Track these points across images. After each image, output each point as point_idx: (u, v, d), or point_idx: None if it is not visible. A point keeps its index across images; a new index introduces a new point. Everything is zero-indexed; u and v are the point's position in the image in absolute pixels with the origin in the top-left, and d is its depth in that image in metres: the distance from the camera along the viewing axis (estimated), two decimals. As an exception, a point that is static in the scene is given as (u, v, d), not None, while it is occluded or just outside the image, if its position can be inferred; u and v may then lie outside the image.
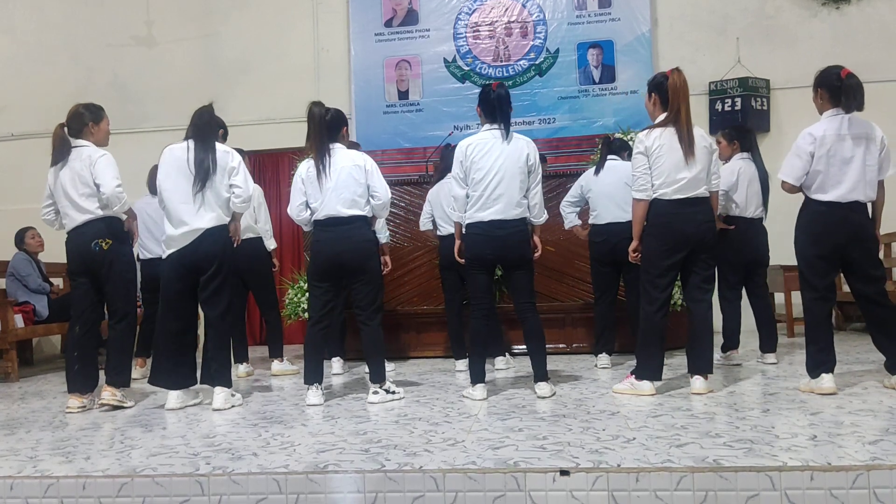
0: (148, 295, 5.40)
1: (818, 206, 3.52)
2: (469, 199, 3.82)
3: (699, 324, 3.70)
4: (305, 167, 3.90)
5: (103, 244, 3.87)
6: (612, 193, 4.64)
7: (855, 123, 3.51)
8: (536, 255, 3.91)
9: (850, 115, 3.50)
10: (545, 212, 3.93)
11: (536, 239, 3.93)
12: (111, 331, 3.96)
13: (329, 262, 3.84)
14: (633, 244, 3.83)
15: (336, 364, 5.03)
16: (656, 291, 3.68)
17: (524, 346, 5.31)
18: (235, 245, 3.99)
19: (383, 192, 3.89)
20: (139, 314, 6.03)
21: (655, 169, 3.67)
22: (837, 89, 3.50)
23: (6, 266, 6.07)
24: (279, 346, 5.17)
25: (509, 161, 3.76)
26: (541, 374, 3.78)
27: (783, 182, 3.62)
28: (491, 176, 3.75)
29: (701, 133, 3.72)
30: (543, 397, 3.69)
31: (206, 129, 3.88)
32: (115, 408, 3.86)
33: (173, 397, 3.84)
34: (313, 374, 3.83)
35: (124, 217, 4.00)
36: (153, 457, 2.72)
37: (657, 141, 3.67)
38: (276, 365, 5.10)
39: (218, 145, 3.87)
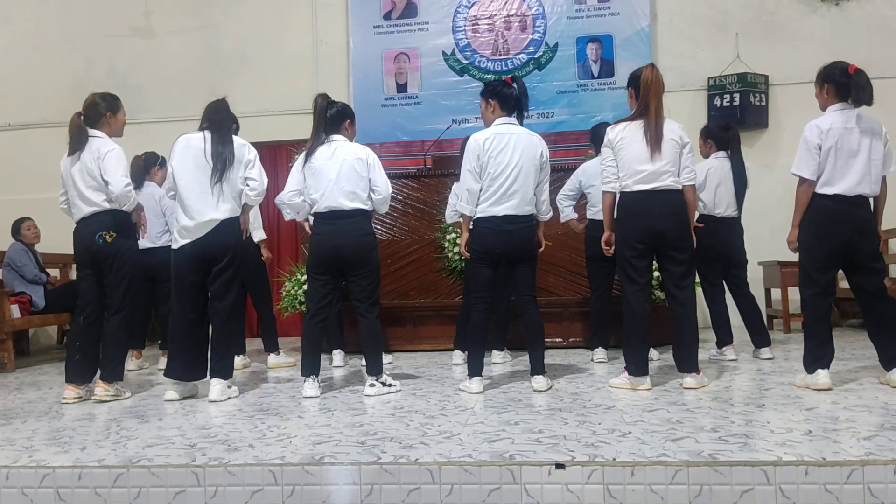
0: (139, 285, 5.38)
1: (824, 200, 3.50)
2: (482, 193, 3.80)
3: (681, 321, 3.71)
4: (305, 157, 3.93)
5: (107, 237, 3.86)
6: None
7: (860, 118, 3.51)
8: (539, 250, 3.94)
9: (855, 109, 3.51)
10: (551, 209, 3.97)
11: (541, 234, 3.96)
12: (106, 324, 3.93)
13: (329, 254, 3.84)
14: (605, 235, 3.89)
15: (337, 357, 5.02)
16: (629, 284, 3.72)
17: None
18: (244, 237, 4.01)
19: (384, 186, 3.90)
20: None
21: (619, 161, 3.72)
22: (845, 85, 3.50)
23: (2, 256, 6.06)
24: (274, 340, 5.17)
25: (526, 157, 3.76)
26: (538, 367, 3.78)
27: (798, 177, 3.54)
28: (509, 171, 3.74)
29: (672, 127, 3.73)
30: (540, 391, 3.70)
31: (223, 122, 3.90)
32: (110, 401, 3.85)
33: (172, 389, 3.84)
34: (310, 367, 3.83)
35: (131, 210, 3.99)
36: (149, 447, 2.72)
37: (620, 134, 3.72)
38: (273, 358, 5.10)
39: (234, 138, 3.90)
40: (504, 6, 7.57)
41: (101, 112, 3.92)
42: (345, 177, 3.82)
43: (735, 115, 6.85)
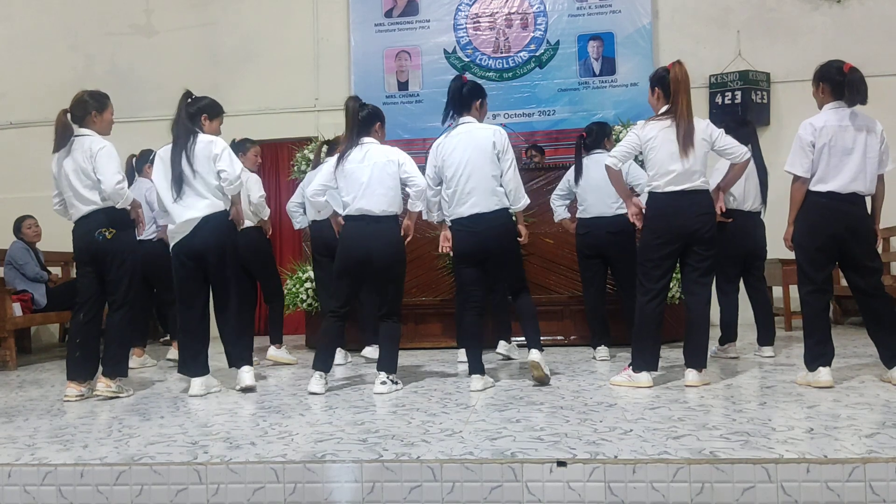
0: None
1: (817, 198, 3.51)
2: (448, 197, 3.86)
3: (695, 318, 3.71)
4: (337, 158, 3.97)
5: (107, 234, 3.88)
6: (599, 188, 4.66)
7: (856, 116, 3.51)
8: (522, 240, 3.89)
9: (851, 108, 3.51)
10: (525, 196, 3.88)
11: (521, 227, 3.90)
12: (108, 319, 3.97)
13: (357, 258, 3.85)
14: (632, 212, 3.82)
15: (338, 355, 5.02)
16: (650, 282, 3.70)
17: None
18: (239, 229, 4.03)
19: (419, 178, 3.87)
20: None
21: (649, 160, 3.71)
22: (840, 84, 3.50)
23: (4, 254, 6.07)
24: (279, 332, 5.18)
25: (475, 153, 3.76)
26: (533, 342, 3.80)
27: (792, 174, 3.57)
28: (461, 171, 3.78)
29: (700, 126, 3.71)
30: (535, 363, 3.70)
31: (183, 126, 3.89)
32: (112, 398, 3.86)
33: (196, 384, 3.89)
34: (322, 362, 3.85)
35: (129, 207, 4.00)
36: (151, 445, 2.73)
37: (651, 132, 3.70)
38: (273, 350, 5.09)
39: (200, 137, 3.88)
40: (505, 4, 7.56)
41: (87, 111, 3.92)
42: (377, 180, 3.82)
43: (736, 112, 6.85)
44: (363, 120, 3.94)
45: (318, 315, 5.71)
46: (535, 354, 3.77)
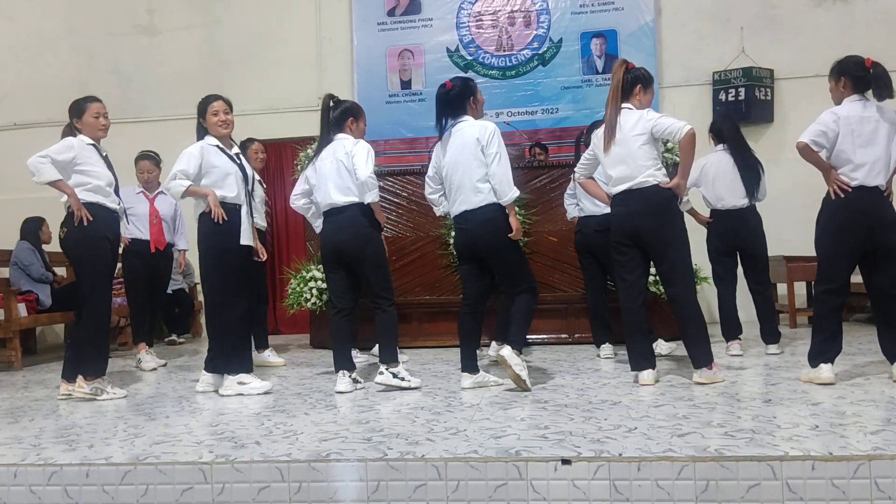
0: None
1: (848, 194, 3.46)
2: (447, 196, 3.90)
3: (678, 317, 3.73)
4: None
5: (60, 233, 3.94)
6: None
7: (877, 109, 3.50)
8: (512, 235, 3.67)
9: (874, 101, 3.50)
10: (513, 189, 3.65)
11: (512, 220, 3.67)
12: None
13: (330, 250, 3.92)
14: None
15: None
16: (618, 280, 3.86)
17: (535, 336, 5.38)
18: (208, 206, 3.85)
19: (361, 169, 3.79)
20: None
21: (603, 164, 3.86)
22: (862, 78, 3.50)
23: (9, 255, 6.08)
24: (263, 337, 5.15)
25: (462, 151, 3.75)
26: (512, 336, 3.65)
27: (799, 143, 3.51)
28: (451, 170, 3.79)
29: (634, 118, 3.68)
30: (502, 357, 3.54)
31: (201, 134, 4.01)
32: (88, 399, 3.78)
33: (201, 379, 3.97)
34: (340, 362, 3.87)
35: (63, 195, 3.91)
36: (156, 445, 2.73)
37: (595, 139, 3.85)
38: (257, 356, 5.04)
39: None
40: (508, 2, 7.55)
41: (71, 118, 4.00)
42: (336, 172, 3.87)
43: (740, 109, 6.84)
44: (336, 118, 4.00)
45: (322, 314, 5.71)
46: (504, 349, 3.57)
